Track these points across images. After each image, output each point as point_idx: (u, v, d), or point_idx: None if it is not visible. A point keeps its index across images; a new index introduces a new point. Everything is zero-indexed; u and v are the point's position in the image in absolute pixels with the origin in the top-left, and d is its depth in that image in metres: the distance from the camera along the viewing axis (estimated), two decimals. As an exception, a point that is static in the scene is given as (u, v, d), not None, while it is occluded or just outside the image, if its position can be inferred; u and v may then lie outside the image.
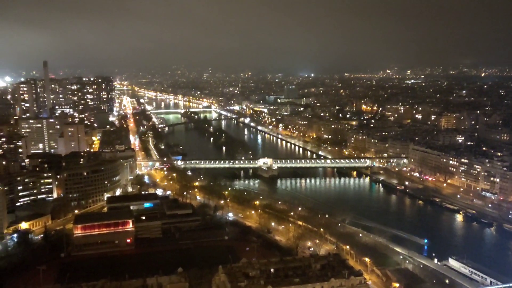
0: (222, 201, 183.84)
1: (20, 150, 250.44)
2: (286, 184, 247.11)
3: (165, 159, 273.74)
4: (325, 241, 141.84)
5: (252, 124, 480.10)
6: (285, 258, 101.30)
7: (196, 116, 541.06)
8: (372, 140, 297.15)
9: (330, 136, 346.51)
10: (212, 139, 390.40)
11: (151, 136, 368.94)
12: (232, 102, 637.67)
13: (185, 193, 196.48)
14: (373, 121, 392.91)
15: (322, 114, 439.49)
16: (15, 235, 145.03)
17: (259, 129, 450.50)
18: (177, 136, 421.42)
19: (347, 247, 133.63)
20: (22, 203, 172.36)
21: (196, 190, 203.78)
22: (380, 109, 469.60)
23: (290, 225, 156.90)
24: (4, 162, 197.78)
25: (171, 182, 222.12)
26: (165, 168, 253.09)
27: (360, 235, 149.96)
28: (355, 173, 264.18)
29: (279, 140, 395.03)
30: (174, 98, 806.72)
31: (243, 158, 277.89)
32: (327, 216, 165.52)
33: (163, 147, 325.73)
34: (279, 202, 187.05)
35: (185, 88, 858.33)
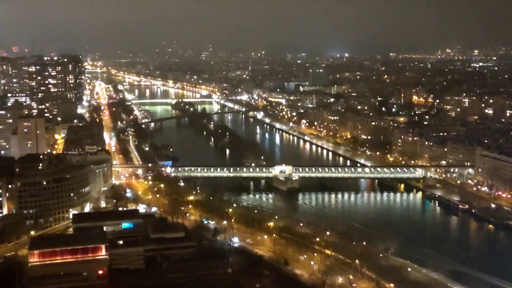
0: (225, 222, 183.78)
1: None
2: (310, 200, 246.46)
3: (150, 164, 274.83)
4: (362, 276, 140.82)
5: (265, 119, 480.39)
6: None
7: (191, 109, 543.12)
8: (426, 143, 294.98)
9: (369, 137, 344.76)
10: (212, 139, 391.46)
11: (132, 135, 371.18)
12: (240, 90, 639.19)
13: (176, 210, 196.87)
14: (427, 117, 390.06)
15: (359, 107, 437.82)
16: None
17: (275, 127, 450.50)
18: (167, 134, 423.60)
19: (392, 285, 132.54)
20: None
21: (190, 206, 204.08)
22: (437, 101, 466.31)
23: (315, 254, 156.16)
24: None
25: (158, 195, 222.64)
26: (149, 177, 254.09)
27: (409, 269, 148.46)
28: (402, 186, 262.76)
29: (301, 141, 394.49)
30: (162, 84, 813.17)
31: (253, 164, 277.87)
32: (364, 243, 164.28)
33: (147, 148, 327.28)
34: (301, 224, 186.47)
35: (178, 71, 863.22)
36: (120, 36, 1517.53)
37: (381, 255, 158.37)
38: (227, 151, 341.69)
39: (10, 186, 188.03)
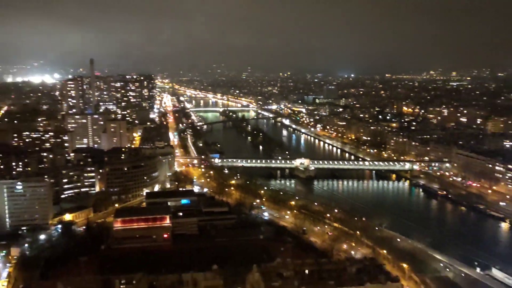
0: (258, 200, 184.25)
1: (66, 144, 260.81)
2: (323, 186, 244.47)
3: (203, 156, 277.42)
4: (362, 244, 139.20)
5: (289, 124, 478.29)
6: (320, 260, 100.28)
7: (234, 115, 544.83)
8: (413, 143, 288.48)
9: (369, 138, 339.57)
10: (249, 138, 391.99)
11: (190, 134, 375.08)
12: (271, 101, 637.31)
13: (221, 191, 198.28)
14: (414, 123, 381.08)
15: (361, 115, 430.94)
16: (59, 226, 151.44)
17: (296, 129, 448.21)
18: (215, 134, 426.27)
19: (384, 251, 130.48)
20: (66, 195, 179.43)
21: (232, 188, 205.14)
22: (422, 111, 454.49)
23: (326, 226, 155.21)
24: (51, 156, 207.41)
25: (208, 179, 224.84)
26: (202, 166, 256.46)
27: (398, 239, 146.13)
28: (394, 176, 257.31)
29: (316, 140, 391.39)
30: (213, 96, 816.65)
31: (279, 158, 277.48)
32: (364, 219, 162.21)
33: (201, 144, 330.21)
34: (315, 203, 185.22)
35: (225, 87, 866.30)
36: (182, 60, 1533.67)
37: (376, 228, 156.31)
38: (260, 147, 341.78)
39: (101, 170, 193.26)
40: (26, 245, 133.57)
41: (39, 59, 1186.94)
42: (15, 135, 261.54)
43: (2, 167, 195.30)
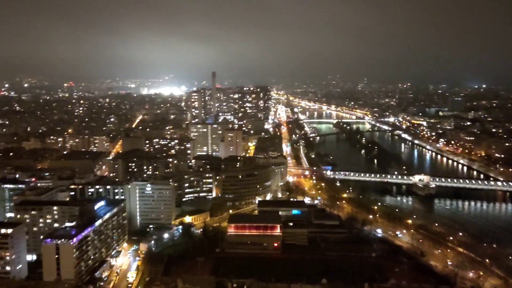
0: (371, 216, 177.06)
1: (188, 151, 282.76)
2: (445, 205, 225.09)
3: (315, 168, 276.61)
4: (491, 274, 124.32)
5: (408, 137, 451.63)
6: (441, 286, 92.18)
7: (348, 127, 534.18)
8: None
9: (503, 156, 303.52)
10: (363, 151, 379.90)
11: (303, 145, 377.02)
12: (388, 113, 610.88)
13: (333, 203, 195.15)
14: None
15: (493, 130, 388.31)
16: (180, 227, 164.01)
17: (415, 143, 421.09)
18: (328, 146, 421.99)
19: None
20: (187, 199, 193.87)
21: (344, 201, 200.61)
22: None
23: (448, 250, 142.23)
24: (175, 162, 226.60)
25: (319, 191, 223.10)
26: (314, 177, 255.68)
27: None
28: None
29: (438, 156, 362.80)
30: (327, 108, 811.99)
31: (396, 172, 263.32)
32: (494, 245, 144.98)
33: (313, 156, 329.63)
34: (436, 224, 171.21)
35: (339, 98, 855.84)
36: (296, 71, 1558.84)
37: (510, 257, 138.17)
38: (375, 161, 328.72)
39: (218, 177, 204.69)
40: (153, 242, 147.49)
41: (170, 73, 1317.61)
42: (147, 141, 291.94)
43: (135, 170, 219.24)
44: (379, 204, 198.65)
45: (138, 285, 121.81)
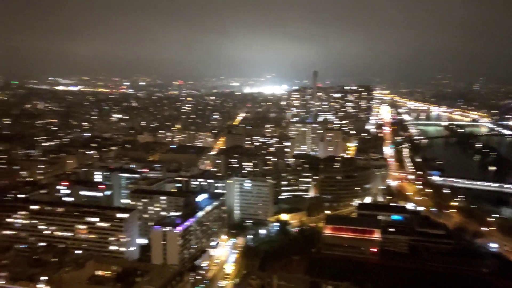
0: (484, 228, 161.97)
1: (286, 150, 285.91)
2: None
3: (420, 172, 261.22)
4: None
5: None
6: None
7: (459, 130, 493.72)
8: None
9: None
10: (477, 156, 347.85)
11: (407, 148, 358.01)
12: (509, 116, 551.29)
13: (439, 211, 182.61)
14: None
15: None
16: (276, 224, 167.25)
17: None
18: (435, 150, 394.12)
19: None
20: (284, 197, 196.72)
21: (452, 210, 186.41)
22: None
23: None
24: (274, 159, 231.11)
25: (424, 197, 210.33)
26: (419, 182, 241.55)
27: None
28: None
29: None
30: (436, 109, 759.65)
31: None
32: None
33: (419, 160, 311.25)
34: None
35: (450, 99, 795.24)
36: (401, 70, 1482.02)
37: None
38: (490, 168, 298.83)
39: (316, 177, 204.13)
40: (250, 236, 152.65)
41: (272, 72, 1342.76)
42: (248, 138, 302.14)
43: (236, 165, 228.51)
44: (494, 215, 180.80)
45: (235, 277, 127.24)
